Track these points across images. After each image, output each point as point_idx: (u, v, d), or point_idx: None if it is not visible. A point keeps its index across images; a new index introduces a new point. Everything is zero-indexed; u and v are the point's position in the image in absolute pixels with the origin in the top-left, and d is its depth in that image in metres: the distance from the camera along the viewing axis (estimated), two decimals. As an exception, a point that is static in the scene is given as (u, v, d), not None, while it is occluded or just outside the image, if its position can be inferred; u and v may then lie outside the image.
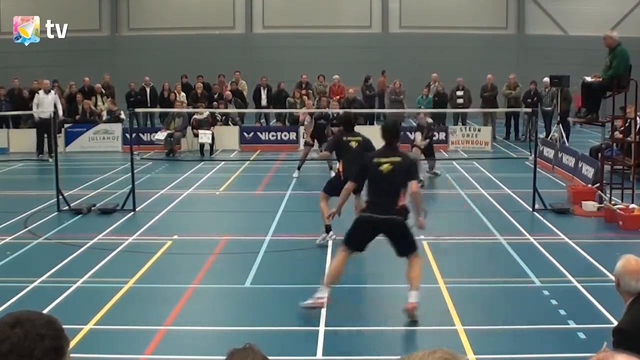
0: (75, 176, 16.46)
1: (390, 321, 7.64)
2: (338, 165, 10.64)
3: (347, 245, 7.79)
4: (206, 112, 21.01)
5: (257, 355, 2.32)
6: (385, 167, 7.56)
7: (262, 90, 24.36)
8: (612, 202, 12.37)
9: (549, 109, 21.64)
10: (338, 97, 22.93)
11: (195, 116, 20.85)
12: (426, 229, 8.28)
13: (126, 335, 7.18)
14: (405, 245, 7.63)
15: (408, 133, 22.06)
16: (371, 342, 7.15)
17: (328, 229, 10.23)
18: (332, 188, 10.22)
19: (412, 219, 7.77)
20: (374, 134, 21.16)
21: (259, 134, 22.07)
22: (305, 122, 17.97)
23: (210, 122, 20.94)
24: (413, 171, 7.78)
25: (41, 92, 20.06)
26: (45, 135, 19.54)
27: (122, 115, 22.25)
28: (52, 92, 20.43)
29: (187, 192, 14.75)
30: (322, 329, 7.17)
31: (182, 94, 23.65)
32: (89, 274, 9.02)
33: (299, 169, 16.49)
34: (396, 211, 7.48)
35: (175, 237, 10.94)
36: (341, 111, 20.80)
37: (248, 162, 18.88)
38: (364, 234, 7.71)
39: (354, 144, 10.25)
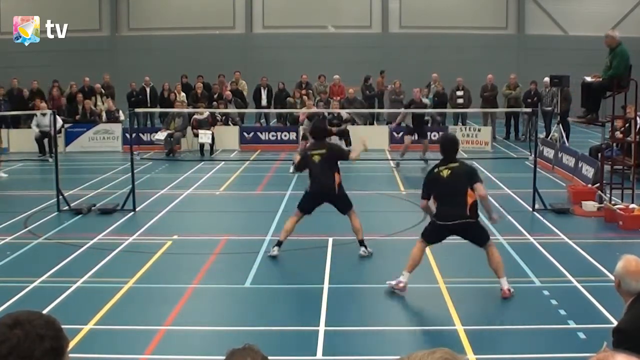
0: (75, 176, 16.47)
1: (390, 321, 7.65)
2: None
3: (423, 238, 8.43)
4: (206, 112, 21.02)
5: (257, 355, 2.32)
6: (445, 172, 8.20)
7: (262, 90, 24.37)
8: (612, 202, 12.37)
9: (549, 109, 21.64)
10: (338, 97, 22.97)
11: (195, 116, 20.86)
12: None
13: (126, 335, 7.18)
14: (479, 239, 8.33)
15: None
16: (371, 342, 7.15)
17: (280, 244, 9.86)
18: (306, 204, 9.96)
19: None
20: (373, 134, 21.25)
21: (259, 134, 22.08)
22: (304, 125, 18.07)
23: (210, 122, 20.94)
24: (474, 175, 8.34)
25: (38, 113, 20.03)
26: (46, 139, 19.67)
27: (122, 117, 22.25)
28: (49, 113, 20.51)
29: (187, 192, 14.75)
30: (322, 329, 7.17)
31: (182, 94, 23.66)
32: (89, 274, 9.02)
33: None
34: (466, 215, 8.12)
35: (175, 237, 10.94)
36: (342, 111, 20.94)
37: (248, 162, 18.88)
38: (439, 235, 8.44)
39: (316, 159, 9.78)
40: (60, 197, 12.84)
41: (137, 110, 16.80)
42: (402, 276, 8.23)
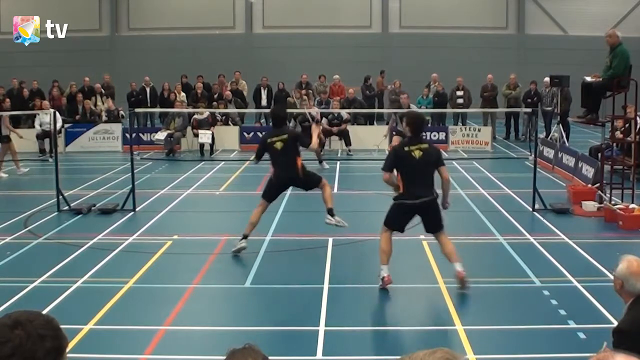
0: (75, 176, 16.47)
1: (390, 321, 7.65)
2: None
3: (386, 226, 8.42)
4: (206, 112, 21.02)
5: (258, 355, 2.31)
6: (416, 153, 8.29)
7: (262, 90, 24.37)
8: (612, 202, 12.37)
9: (549, 109, 21.64)
10: (338, 97, 22.97)
11: (195, 116, 20.87)
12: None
13: (126, 335, 7.18)
14: (439, 221, 8.45)
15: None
16: (371, 342, 7.15)
17: (246, 237, 9.93)
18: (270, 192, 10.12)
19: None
20: (373, 134, 21.25)
21: (259, 134, 22.02)
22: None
23: (210, 122, 20.95)
24: (441, 157, 8.56)
25: (41, 112, 20.04)
26: (47, 139, 19.69)
27: (122, 113, 22.26)
28: (52, 111, 20.53)
29: (187, 192, 14.75)
30: (322, 329, 7.17)
31: (182, 94, 23.66)
32: (89, 274, 9.02)
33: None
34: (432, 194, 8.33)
35: (175, 237, 10.94)
36: (342, 111, 20.95)
37: (248, 162, 18.87)
38: (404, 219, 8.50)
39: (279, 145, 9.81)
40: (60, 197, 12.84)
41: (137, 110, 16.81)
42: (382, 270, 8.30)
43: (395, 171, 8.41)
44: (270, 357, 2.42)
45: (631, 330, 4.21)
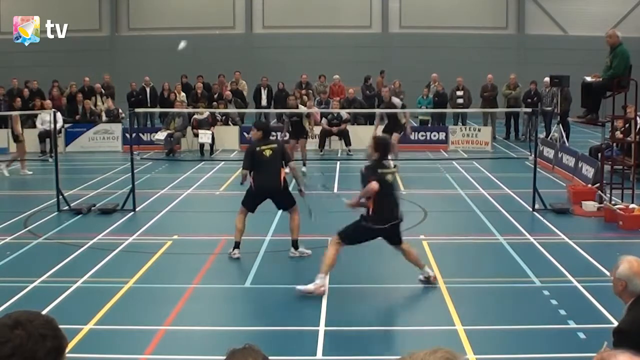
0: (75, 176, 16.47)
1: (390, 321, 7.65)
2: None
3: (345, 242, 8.48)
4: (206, 112, 21.03)
5: (258, 355, 2.31)
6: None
7: (262, 90, 24.36)
8: (612, 202, 12.37)
9: (549, 109, 21.64)
10: (338, 97, 22.96)
11: (195, 116, 20.88)
12: (426, 229, 8.50)
13: (126, 335, 7.18)
14: (400, 236, 8.57)
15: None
16: (371, 342, 7.14)
17: (238, 245, 9.87)
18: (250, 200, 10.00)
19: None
20: (373, 134, 21.17)
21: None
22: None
23: (210, 122, 20.95)
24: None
25: (43, 112, 20.06)
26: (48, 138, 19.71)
27: (123, 114, 22.27)
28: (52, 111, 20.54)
29: (187, 192, 14.75)
30: (322, 329, 7.17)
31: (182, 94, 23.66)
32: (89, 274, 9.02)
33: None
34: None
35: (175, 237, 10.94)
36: (342, 111, 20.93)
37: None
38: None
39: (268, 153, 9.78)
40: (60, 197, 12.84)
41: (137, 110, 16.80)
42: (318, 279, 8.23)
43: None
44: (270, 357, 2.42)
45: (631, 330, 4.20)
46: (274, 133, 16.85)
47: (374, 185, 8.01)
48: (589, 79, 12.75)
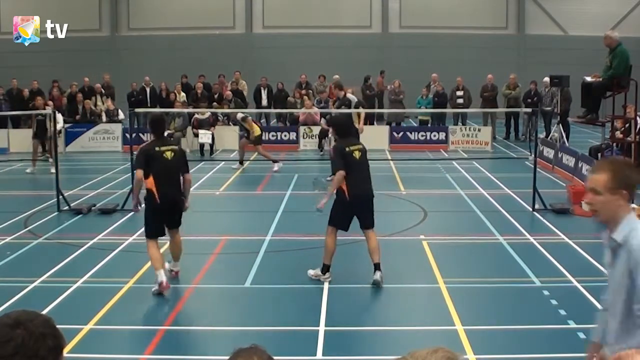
0: (75, 176, 16.47)
1: (390, 321, 7.65)
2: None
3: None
4: (208, 112, 21.03)
5: (264, 355, 2.31)
6: (168, 154, 8.72)
7: (262, 90, 24.36)
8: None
9: (549, 109, 21.65)
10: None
11: (196, 116, 20.89)
12: (426, 229, 8.50)
13: (126, 335, 7.18)
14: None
15: (408, 133, 22.18)
16: (371, 342, 7.15)
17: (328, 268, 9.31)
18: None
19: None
20: (373, 134, 21.24)
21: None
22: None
23: (210, 122, 20.95)
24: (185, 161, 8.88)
25: (44, 112, 20.04)
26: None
27: (121, 116, 22.25)
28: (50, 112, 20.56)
29: (187, 192, 14.72)
30: (322, 329, 7.17)
31: (182, 94, 23.65)
32: (89, 274, 9.02)
33: (275, 162, 17.36)
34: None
35: (175, 237, 10.92)
36: (341, 111, 20.91)
37: (248, 162, 18.87)
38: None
39: (357, 154, 8.75)
40: (60, 197, 12.84)
41: (137, 110, 16.80)
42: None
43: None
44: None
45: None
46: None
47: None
48: (589, 79, 12.76)
